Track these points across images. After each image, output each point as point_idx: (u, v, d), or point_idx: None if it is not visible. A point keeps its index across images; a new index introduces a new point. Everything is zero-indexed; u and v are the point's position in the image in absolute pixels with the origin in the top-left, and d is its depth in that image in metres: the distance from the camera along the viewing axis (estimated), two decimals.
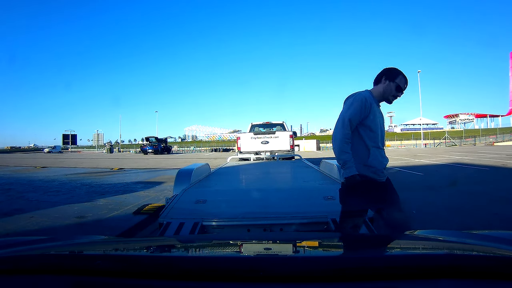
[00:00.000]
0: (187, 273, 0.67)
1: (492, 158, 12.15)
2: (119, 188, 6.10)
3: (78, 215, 3.88)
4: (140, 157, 21.81)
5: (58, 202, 4.90)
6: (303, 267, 0.67)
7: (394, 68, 1.71)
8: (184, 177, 2.62)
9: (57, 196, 5.59)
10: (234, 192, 2.33)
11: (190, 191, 2.37)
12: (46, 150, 44.13)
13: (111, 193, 5.57)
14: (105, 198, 5.05)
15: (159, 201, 4.58)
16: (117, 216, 3.82)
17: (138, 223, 3.46)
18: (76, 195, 5.67)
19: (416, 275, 0.64)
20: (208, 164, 3.44)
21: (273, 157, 5.71)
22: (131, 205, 4.37)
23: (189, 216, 1.89)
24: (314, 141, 37.38)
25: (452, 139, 37.94)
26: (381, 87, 1.70)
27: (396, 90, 1.67)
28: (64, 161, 17.81)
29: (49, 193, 5.99)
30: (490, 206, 4.04)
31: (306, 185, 2.66)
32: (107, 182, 7.27)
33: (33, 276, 0.72)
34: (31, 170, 11.75)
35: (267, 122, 7.66)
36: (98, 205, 4.54)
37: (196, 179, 2.77)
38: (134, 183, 6.99)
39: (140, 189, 5.96)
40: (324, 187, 2.47)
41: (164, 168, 11.28)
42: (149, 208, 4.05)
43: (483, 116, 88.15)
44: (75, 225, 3.46)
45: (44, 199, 5.32)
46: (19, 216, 3.87)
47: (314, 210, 1.99)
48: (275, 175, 3.43)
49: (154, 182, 6.98)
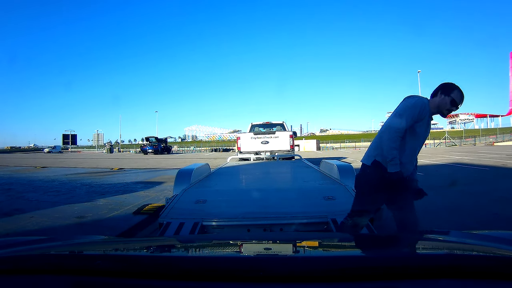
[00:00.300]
0: (187, 273, 0.67)
1: (492, 158, 12.16)
2: (119, 188, 6.10)
3: (78, 215, 3.88)
4: (140, 157, 21.81)
5: (58, 202, 4.90)
6: (303, 267, 0.67)
7: (451, 83, 1.77)
8: (184, 177, 2.61)
9: (57, 196, 5.59)
10: (234, 192, 2.33)
11: (190, 191, 2.37)
12: (46, 150, 44.10)
13: (111, 193, 5.57)
14: (105, 198, 5.04)
15: (159, 201, 4.58)
16: (117, 216, 3.82)
17: (138, 223, 3.46)
18: (76, 195, 5.66)
19: (416, 275, 0.64)
20: (208, 164, 3.43)
21: (273, 157, 5.71)
22: (131, 205, 4.37)
23: (189, 216, 1.89)
24: (314, 141, 37.39)
25: (452, 139, 37.92)
26: (437, 100, 1.75)
27: (450, 104, 1.72)
28: (64, 161, 17.81)
29: (49, 193, 5.99)
30: (491, 206, 4.04)
31: (306, 185, 2.66)
32: (107, 182, 7.27)
33: (33, 276, 0.72)
34: (31, 170, 11.75)
35: (267, 122, 7.65)
36: (98, 205, 4.54)
37: (196, 179, 2.77)
38: (134, 183, 6.98)
39: (140, 189, 5.96)
40: (324, 187, 2.46)
41: (164, 168, 11.28)
42: (149, 208, 4.05)
43: (483, 116, 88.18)
44: (75, 225, 3.46)
45: (44, 199, 5.32)
46: (19, 216, 3.87)
47: (314, 210, 1.98)
48: (275, 175, 3.42)
49: (154, 182, 6.98)
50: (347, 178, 2.47)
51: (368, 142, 46.88)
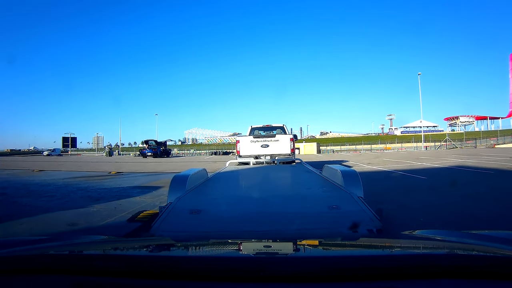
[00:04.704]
0: (188, 273, 0.67)
1: (495, 160, 11.98)
2: (115, 193, 5.94)
3: (70, 222, 3.73)
4: (139, 161, 21.63)
5: (51, 207, 4.76)
6: (303, 267, 0.68)
7: None
8: (179, 184, 2.46)
9: (51, 201, 5.44)
10: (231, 202, 2.17)
11: (184, 199, 2.21)
12: (45, 153, 43.95)
13: (106, 198, 5.42)
14: (99, 204, 4.89)
15: (155, 207, 4.42)
16: (111, 223, 3.68)
17: (132, 231, 3.31)
18: (70, 200, 5.52)
19: (416, 275, 0.64)
20: (205, 169, 3.27)
21: (273, 161, 5.55)
22: (126, 211, 4.22)
23: (182, 229, 1.75)
24: (315, 144, 37.19)
25: (452, 141, 37.80)
26: None
27: None
28: (62, 164, 17.67)
29: (43, 198, 5.85)
30: (509, 212, 3.84)
31: (309, 193, 2.50)
32: (104, 186, 7.11)
33: (33, 276, 0.72)
34: (28, 174, 11.62)
35: (267, 125, 7.47)
36: (92, 212, 4.39)
37: (192, 186, 2.62)
38: (130, 187, 6.83)
39: (137, 194, 5.80)
40: (328, 195, 2.31)
41: (162, 171, 11.10)
42: (144, 215, 3.89)
43: (483, 118, 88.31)
44: (66, 233, 3.31)
45: (37, 204, 5.18)
46: (8, 223, 3.75)
47: (319, 221, 1.83)
48: (275, 183, 3.26)
49: (151, 187, 6.82)
50: (352, 185, 2.32)
51: (368, 145, 46.91)
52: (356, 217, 1.73)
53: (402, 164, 11.86)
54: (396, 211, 3.76)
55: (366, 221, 1.69)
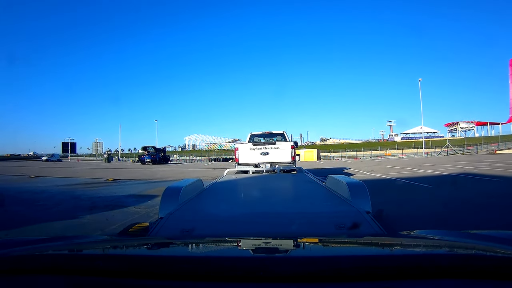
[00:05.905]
0: (188, 273, 0.66)
1: (499, 167, 11.75)
2: (109, 202, 5.73)
3: (58, 235, 3.52)
4: (137, 167, 21.37)
5: (41, 218, 4.57)
6: (304, 267, 0.67)
7: None
8: (171, 196, 2.26)
9: (42, 210, 5.26)
10: (227, 220, 1.97)
11: (176, 215, 2.01)
12: (44, 159, 43.61)
13: (99, 208, 5.21)
14: (91, 215, 4.69)
15: (149, 218, 4.22)
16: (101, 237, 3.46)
17: None
18: (62, 210, 5.34)
19: (416, 275, 0.64)
20: (201, 180, 3.07)
21: (273, 169, 5.34)
22: (118, 223, 4.01)
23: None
24: (315, 150, 36.98)
25: (453, 147, 37.59)
26: None
27: None
28: (60, 170, 17.44)
29: (34, 206, 5.67)
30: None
31: (313, 209, 2.29)
32: (98, 195, 6.90)
33: (33, 276, 0.72)
34: (23, 180, 11.43)
35: (267, 132, 7.27)
36: (83, 223, 4.19)
37: (186, 199, 2.41)
38: (125, 196, 6.61)
39: (131, 203, 5.59)
40: (334, 210, 2.11)
41: (160, 179, 10.85)
42: (136, 228, 3.66)
43: (484, 124, 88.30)
44: None
45: (27, 213, 5.01)
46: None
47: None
48: (275, 195, 3.05)
49: (146, 196, 6.60)
50: (359, 198, 2.12)
51: (368, 151, 46.69)
52: (364, 235, 1.54)
53: (405, 172, 11.63)
54: (408, 227, 3.54)
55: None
